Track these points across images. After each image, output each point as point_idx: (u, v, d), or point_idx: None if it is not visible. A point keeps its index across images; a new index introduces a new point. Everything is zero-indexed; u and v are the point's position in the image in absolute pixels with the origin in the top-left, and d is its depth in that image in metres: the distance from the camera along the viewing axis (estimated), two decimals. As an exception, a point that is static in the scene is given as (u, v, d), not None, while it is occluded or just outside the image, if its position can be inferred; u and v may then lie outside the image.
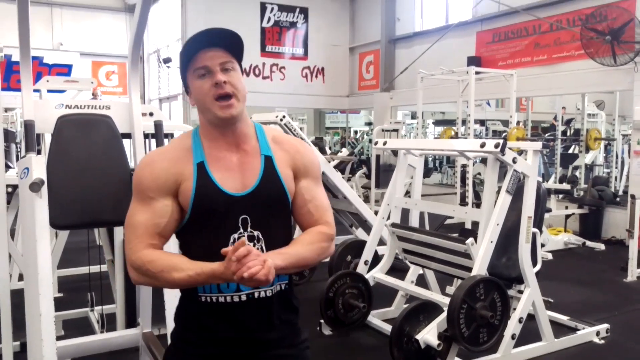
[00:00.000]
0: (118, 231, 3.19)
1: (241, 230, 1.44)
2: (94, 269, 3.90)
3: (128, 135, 3.06)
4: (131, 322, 3.12)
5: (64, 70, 12.05)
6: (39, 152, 2.59)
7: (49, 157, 2.51)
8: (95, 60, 13.41)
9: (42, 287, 2.21)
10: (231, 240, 1.43)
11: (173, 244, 1.56)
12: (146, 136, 3.19)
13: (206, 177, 1.43)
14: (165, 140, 3.17)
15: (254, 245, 1.43)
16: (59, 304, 3.15)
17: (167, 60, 11.66)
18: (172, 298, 2.43)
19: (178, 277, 1.35)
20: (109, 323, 3.48)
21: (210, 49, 1.42)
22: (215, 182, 1.43)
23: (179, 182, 1.44)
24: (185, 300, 1.51)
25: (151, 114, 3.23)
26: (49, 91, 5.87)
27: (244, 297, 1.44)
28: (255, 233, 1.45)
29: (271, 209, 1.47)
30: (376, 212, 4.69)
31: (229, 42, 1.44)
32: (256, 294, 1.44)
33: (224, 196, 1.43)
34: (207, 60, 1.41)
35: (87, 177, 2.61)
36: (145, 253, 1.39)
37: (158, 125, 3.14)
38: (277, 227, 1.49)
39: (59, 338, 2.29)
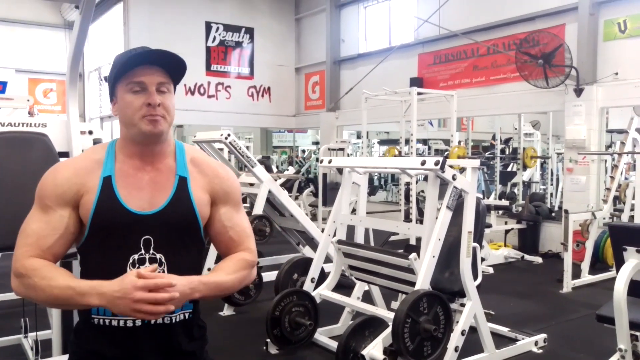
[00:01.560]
0: (54, 253, 3.06)
1: (142, 252, 1.37)
2: (28, 293, 3.71)
3: (66, 154, 2.97)
4: (68, 347, 2.99)
5: (-2, 87, 11.56)
6: (-32, 171, 2.47)
7: (-21, 176, 2.40)
8: (32, 78, 12.93)
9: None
10: (130, 261, 1.36)
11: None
12: (85, 155, 3.10)
13: (110, 192, 1.38)
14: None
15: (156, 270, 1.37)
16: (-11, 332, 2.99)
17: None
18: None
19: (56, 285, 1.27)
20: (44, 349, 3.31)
21: (151, 67, 1.39)
22: (119, 198, 1.38)
23: (81, 194, 1.38)
24: (78, 325, 1.44)
25: (90, 132, 3.16)
26: (-19, 109, 5.62)
27: (138, 322, 1.36)
28: (158, 256, 1.38)
29: (179, 232, 1.41)
30: (323, 230, 4.71)
31: (171, 65, 1.41)
32: (153, 320, 1.36)
33: (126, 213, 1.37)
34: (146, 77, 1.38)
35: (21, 197, 2.50)
36: (30, 261, 1.32)
37: (97, 143, 3.07)
38: (184, 251, 1.43)
39: (-12, 367, 2.17)
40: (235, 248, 1.51)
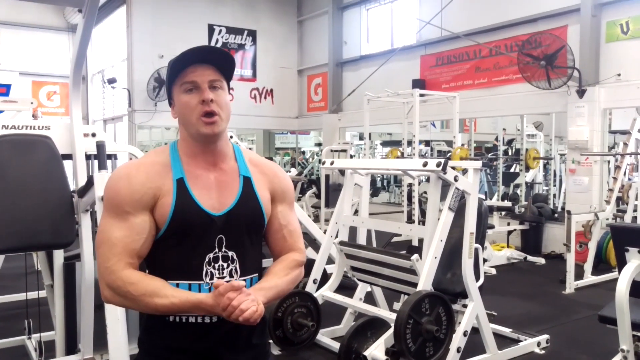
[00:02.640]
0: (57, 255, 3.08)
1: (216, 250, 1.42)
2: (32, 295, 3.73)
3: (69, 156, 2.99)
4: (71, 348, 3.01)
5: (2, 90, 11.59)
6: (-28, 173, 2.49)
7: (-17, 178, 2.42)
8: (36, 80, 12.99)
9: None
10: (206, 260, 1.41)
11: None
12: (88, 157, 3.13)
13: (186, 193, 1.41)
14: (108, 162, 3.11)
15: (228, 266, 1.43)
16: (-7, 333, 3.01)
17: (111, 81, 11.41)
18: (114, 322, 2.37)
19: (160, 303, 1.32)
20: (47, 351, 3.33)
21: (201, 65, 1.43)
22: (195, 199, 1.41)
23: (157, 197, 1.40)
24: (151, 322, 1.46)
25: (94, 135, 3.18)
26: (-15, 112, 5.65)
27: (214, 318, 1.41)
28: (230, 253, 1.44)
29: (247, 229, 1.47)
30: (325, 231, 4.72)
31: (221, 61, 1.45)
32: None
33: (203, 214, 1.41)
34: (197, 76, 1.42)
35: (24, 199, 2.53)
36: (126, 274, 1.35)
37: (100, 145, 3.09)
38: (251, 248, 1.49)
39: (-8, 367, 2.19)
40: (287, 247, 1.56)
